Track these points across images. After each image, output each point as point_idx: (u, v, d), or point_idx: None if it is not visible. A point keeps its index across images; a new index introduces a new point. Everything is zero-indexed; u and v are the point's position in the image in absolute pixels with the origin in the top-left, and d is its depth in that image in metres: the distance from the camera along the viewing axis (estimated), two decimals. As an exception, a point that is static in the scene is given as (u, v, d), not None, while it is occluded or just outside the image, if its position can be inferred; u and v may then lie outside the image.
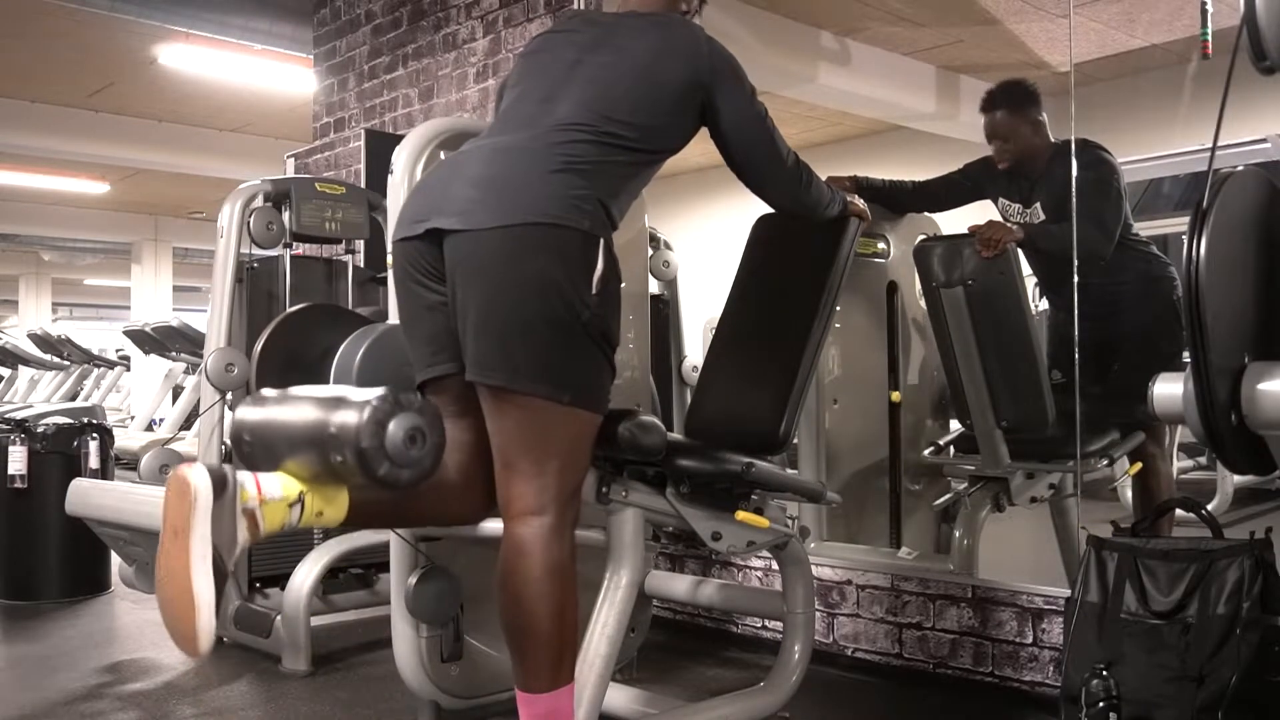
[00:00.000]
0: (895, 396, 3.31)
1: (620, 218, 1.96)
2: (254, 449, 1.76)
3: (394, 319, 2.53)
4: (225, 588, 1.70)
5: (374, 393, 1.67)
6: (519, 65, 2.13)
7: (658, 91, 1.96)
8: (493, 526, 2.12)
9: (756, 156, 2.10)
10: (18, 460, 3.89)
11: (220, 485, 1.63)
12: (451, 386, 1.91)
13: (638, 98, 1.95)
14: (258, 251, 3.43)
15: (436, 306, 1.89)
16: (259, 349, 3.10)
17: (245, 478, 1.67)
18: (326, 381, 2.56)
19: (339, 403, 1.68)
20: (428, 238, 1.86)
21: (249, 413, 1.78)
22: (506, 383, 1.79)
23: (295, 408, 1.74)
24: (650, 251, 3.52)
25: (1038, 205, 3.10)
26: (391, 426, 1.65)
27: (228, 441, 3.47)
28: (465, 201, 1.83)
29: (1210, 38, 2.10)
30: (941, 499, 3.30)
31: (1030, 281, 3.22)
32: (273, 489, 1.68)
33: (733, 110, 2.03)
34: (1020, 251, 3.02)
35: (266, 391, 1.82)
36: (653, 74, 1.97)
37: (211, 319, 3.28)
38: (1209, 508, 2.30)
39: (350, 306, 3.66)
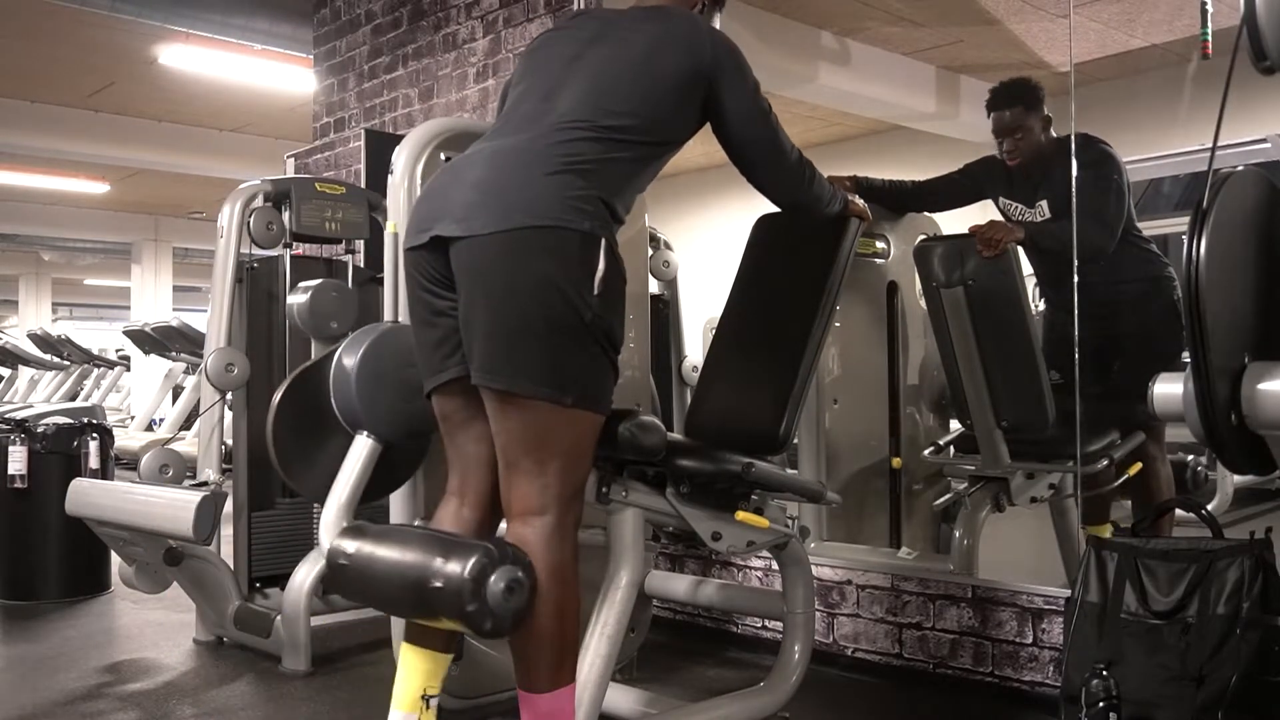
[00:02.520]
0: (896, 463, 3.32)
1: (626, 213, 1.95)
2: (350, 583, 1.89)
3: (388, 319, 2.54)
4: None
5: (471, 548, 1.72)
6: (521, 64, 2.13)
7: (658, 82, 1.96)
8: (493, 526, 2.13)
9: (759, 152, 2.09)
10: (18, 460, 3.89)
11: None
12: (460, 391, 1.91)
13: (638, 89, 1.94)
14: (258, 251, 3.43)
15: (446, 312, 1.89)
16: (279, 397, 2.98)
17: None
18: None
19: (438, 554, 1.73)
20: (433, 245, 1.86)
21: (346, 546, 1.89)
22: (509, 385, 1.79)
23: (393, 552, 1.82)
24: (650, 251, 3.52)
25: (1042, 204, 3.10)
26: (491, 583, 1.70)
27: (228, 441, 3.48)
28: (466, 207, 1.83)
29: (1210, 38, 2.10)
30: (941, 499, 3.30)
31: (1030, 281, 3.22)
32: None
33: (736, 104, 2.03)
34: (1021, 251, 3.02)
35: (363, 525, 1.96)
36: (653, 65, 1.96)
37: (211, 319, 3.29)
38: (1209, 508, 2.30)
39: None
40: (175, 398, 8.89)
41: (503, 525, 1.90)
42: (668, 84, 1.96)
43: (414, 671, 1.90)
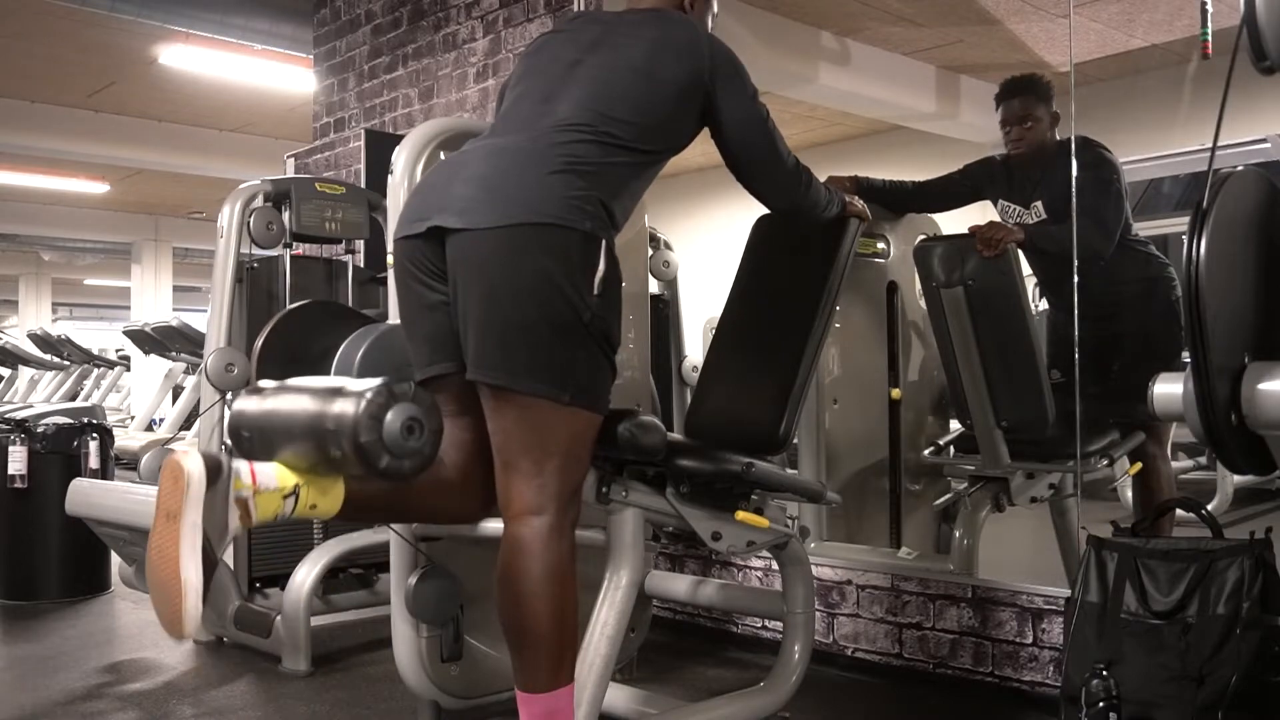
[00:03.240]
0: (896, 394, 3.31)
1: (624, 219, 1.95)
2: (251, 440, 1.77)
3: (394, 318, 2.54)
4: (214, 574, 1.71)
5: (369, 384, 1.68)
6: (520, 65, 2.13)
7: (657, 90, 1.96)
8: (493, 526, 2.13)
9: (756, 158, 2.09)
10: (18, 460, 3.89)
11: (215, 472, 1.64)
12: (451, 385, 1.90)
13: (636, 96, 1.94)
14: (258, 251, 3.43)
15: (437, 305, 1.88)
16: (260, 345, 3.10)
17: (240, 466, 1.68)
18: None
19: (335, 394, 1.68)
20: (429, 236, 1.86)
21: (246, 404, 1.79)
22: (507, 382, 1.79)
23: (292, 399, 1.74)
24: (650, 251, 3.51)
25: (1037, 205, 3.10)
26: (389, 418, 1.65)
27: (227, 441, 3.48)
28: (466, 200, 1.83)
29: (1210, 38, 2.10)
30: (941, 499, 3.30)
31: (1030, 281, 3.22)
32: (267, 479, 1.69)
33: (734, 111, 2.03)
34: (1020, 252, 3.02)
35: (263, 383, 1.83)
36: (651, 72, 1.96)
37: (211, 319, 3.28)
38: (1209, 508, 2.30)
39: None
40: (175, 398, 8.89)
41: (501, 525, 1.90)
42: (666, 90, 1.96)
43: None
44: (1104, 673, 2.07)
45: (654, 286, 3.67)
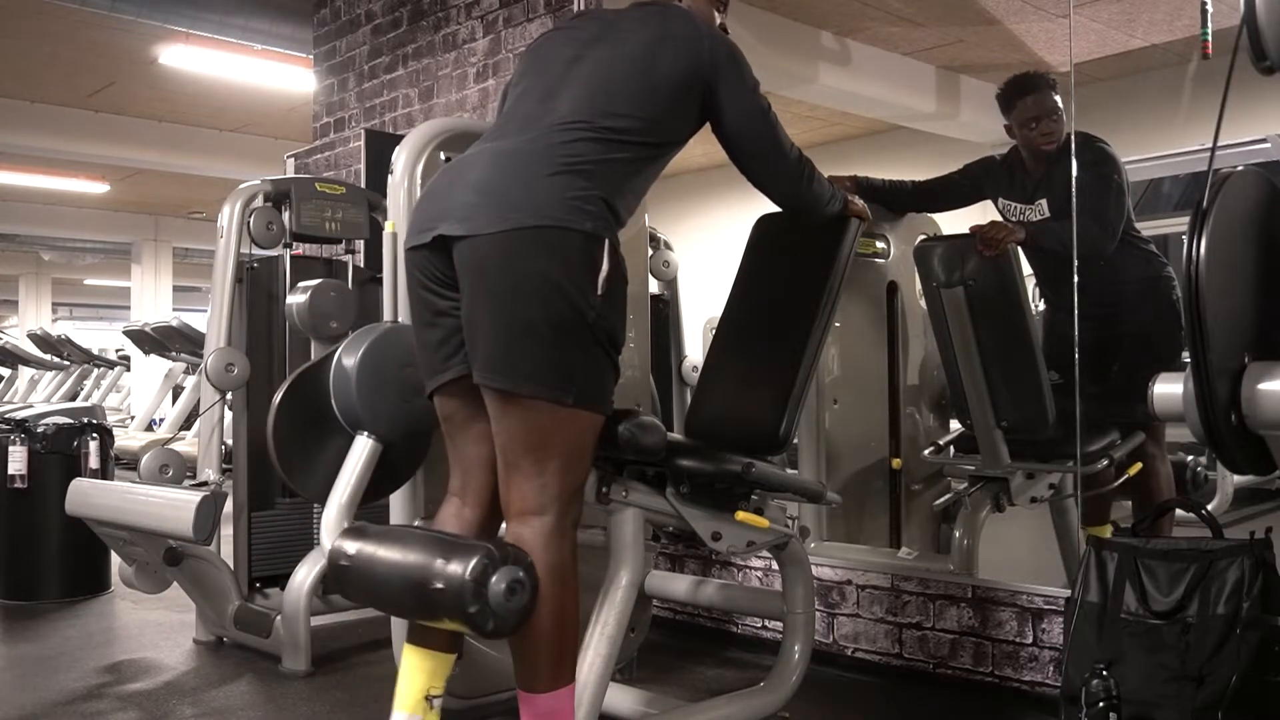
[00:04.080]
0: (896, 464, 3.31)
1: (628, 215, 1.95)
2: (352, 584, 1.88)
3: (388, 318, 2.54)
4: None
5: (473, 549, 1.72)
6: (521, 64, 2.13)
7: (656, 83, 1.96)
8: (493, 526, 2.13)
9: (759, 151, 2.09)
10: (18, 460, 3.89)
11: None
12: (461, 392, 1.91)
13: (636, 90, 1.94)
14: (258, 251, 3.43)
15: (447, 312, 1.89)
16: (278, 399, 2.97)
17: None
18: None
19: (440, 555, 1.74)
20: (435, 245, 1.86)
21: (346, 547, 1.88)
22: (510, 386, 1.80)
23: (394, 553, 1.82)
24: (650, 251, 3.52)
25: (1041, 203, 3.09)
26: (492, 583, 1.70)
27: (228, 441, 3.48)
28: (468, 207, 1.83)
29: (1210, 38, 2.10)
30: (941, 499, 3.30)
31: (1030, 281, 3.22)
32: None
33: (735, 104, 2.03)
34: (1021, 251, 3.01)
35: (363, 526, 1.95)
36: (651, 65, 1.96)
37: (211, 319, 3.28)
38: (1209, 508, 2.30)
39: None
40: (175, 398, 8.89)
41: (503, 525, 1.90)
42: (667, 84, 1.96)
43: (417, 671, 1.90)
44: (1104, 673, 2.08)
45: (654, 286, 3.68)
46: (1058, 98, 3.05)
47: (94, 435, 4.02)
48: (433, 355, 1.94)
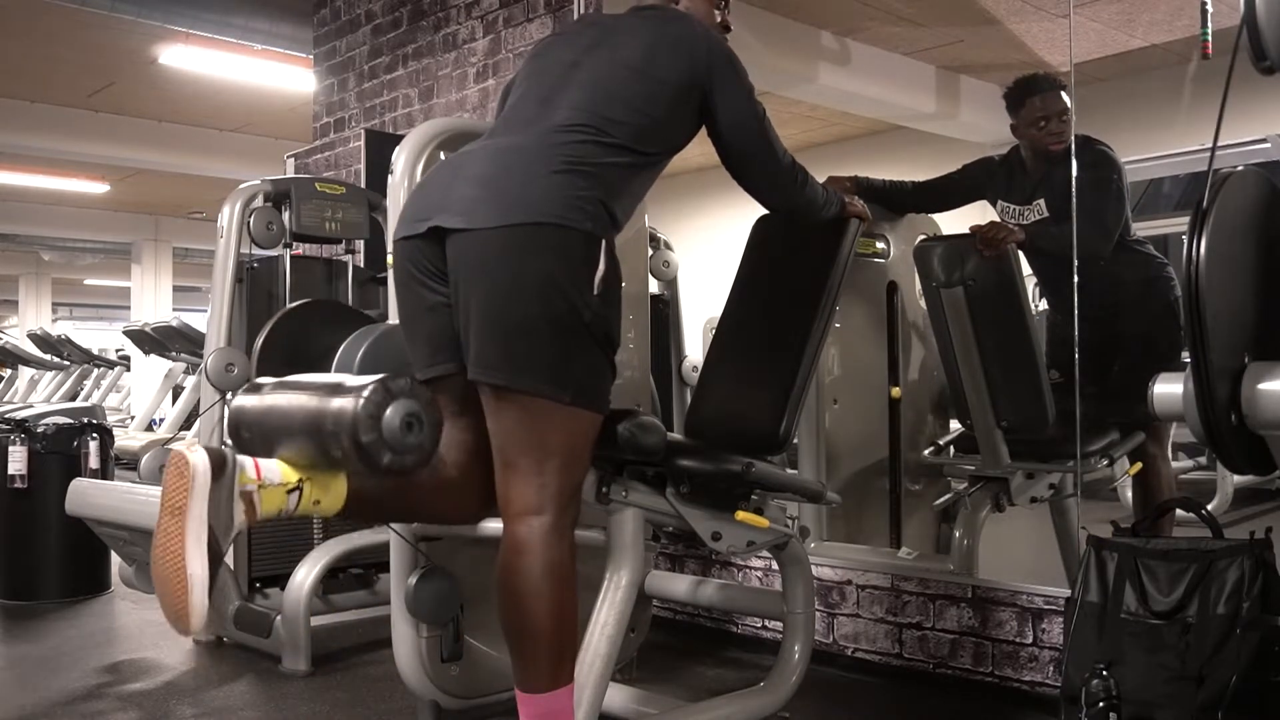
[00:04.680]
0: (896, 393, 3.30)
1: (624, 219, 1.95)
2: (252, 438, 1.78)
3: (393, 318, 2.54)
4: (220, 569, 1.72)
5: (366, 381, 1.68)
6: (522, 68, 2.14)
7: (654, 89, 1.96)
8: (493, 526, 2.13)
9: (752, 156, 2.09)
10: (18, 460, 3.89)
11: (220, 466, 1.64)
12: (451, 386, 1.90)
13: (634, 96, 1.94)
14: (258, 251, 3.43)
15: (438, 306, 1.88)
16: (259, 344, 3.10)
17: (245, 461, 1.69)
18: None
19: (333, 392, 1.69)
20: (430, 236, 1.86)
21: (245, 401, 1.81)
22: (508, 381, 1.79)
23: (291, 397, 1.75)
24: (650, 251, 3.52)
25: (1039, 203, 3.09)
26: (387, 415, 1.67)
27: (228, 441, 3.48)
28: (468, 200, 1.83)
29: (1210, 38, 2.10)
30: (941, 499, 3.30)
31: (1030, 282, 3.21)
32: (271, 474, 1.70)
33: (730, 110, 2.03)
34: (1020, 252, 3.01)
35: (262, 380, 1.84)
36: (648, 71, 1.96)
37: (211, 319, 3.28)
38: (1209, 508, 2.30)
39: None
40: (175, 398, 8.89)
41: (501, 525, 1.90)
42: (665, 91, 1.97)
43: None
44: (1104, 673, 2.07)
45: (654, 286, 3.67)
46: (1067, 99, 3.05)
47: (94, 435, 4.02)
48: (421, 348, 1.94)
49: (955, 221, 3.30)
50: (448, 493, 1.94)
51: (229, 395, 3.29)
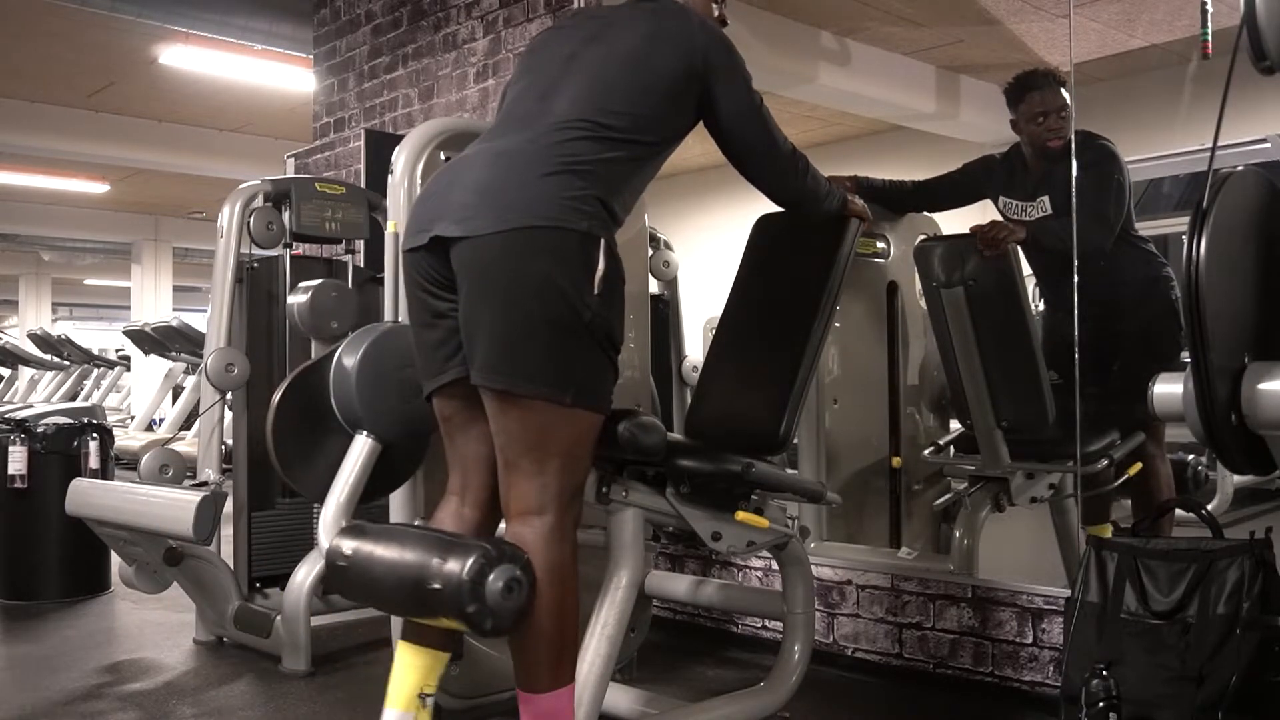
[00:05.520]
0: (896, 462, 3.31)
1: (625, 214, 1.95)
2: (349, 583, 1.89)
3: (389, 318, 2.54)
4: None
5: (470, 548, 1.72)
6: (520, 64, 2.13)
7: (653, 81, 1.96)
8: (493, 526, 2.12)
9: (753, 147, 2.09)
10: (18, 460, 3.89)
11: None
12: (460, 393, 1.91)
13: (632, 87, 1.94)
14: (258, 251, 3.43)
15: (446, 314, 1.89)
16: (277, 400, 2.97)
17: None
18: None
19: (437, 554, 1.74)
20: (432, 246, 1.86)
21: (346, 545, 1.89)
22: (509, 385, 1.80)
23: (393, 552, 1.82)
24: (650, 251, 3.52)
25: (1043, 200, 3.09)
26: (489, 582, 1.70)
27: (228, 441, 3.48)
28: (465, 208, 1.83)
29: (1210, 38, 2.10)
30: (941, 499, 3.30)
31: (1030, 281, 3.21)
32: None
33: (729, 101, 2.03)
34: (1020, 251, 3.01)
35: (362, 525, 1.95)
36: (646, 62, 1.96)
37: (211, 319, 3.28)
38: (1209, 508, 2.30)
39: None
40: (175, 398, 8.89)
41: (502, 525, 1.90)
42: (662, 82, 1.96)
43: (410, 669, 1.90)
44: (1104, 673, 2.08)
45: (654, 286, 3.67)
46: (1067, 95, 3.05)
47: (94, 435, 4.02)
48: (431, 357, 1.94)
49: (955, 221, 3.31)
50: (485, 526, 1.98)
51: (229, 395, 3.29)
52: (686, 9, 2.09)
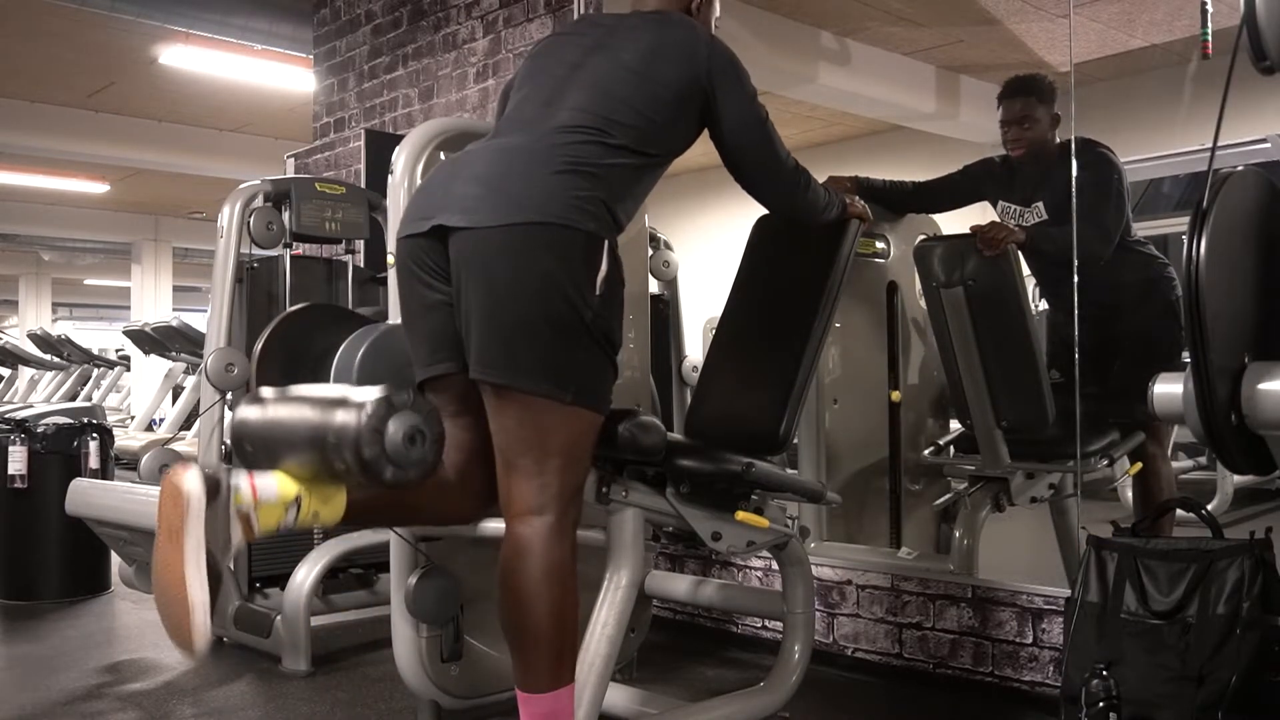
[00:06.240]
0: (895, 396, 3.31)
1: (626, 220, 1.95)
2: (254, 450, 1.78)
3: (394, 318, 2.54)
4: (220, 587, 1.71)
5: (369, 395, 1.67)
6: (523, 68, 2.13)
7: (656, 92, 1.96)
8: (493, 526, 2.13)
9: (755, 160, 2.09)
10: (18, 460, 3.89)
11: (214, 488, 1.64)
12: (452, 385, 1.91)
13: (636, 98, 1.94)
14: (258, 251, 3.43)
15: (439, 305, 1.88)
16: (259, 348, 3.09)
17: (240, 480, 1.68)
18: (327, 382, 2.55)
19: (336, 405, 1.68)
20: (432, 235, 1.86)
21: (248, 413, 1.80)
22: (509, 380, 1.79)
23: (293, 409, 1.74)
24: (650, 251, 3.51)
25: (1039, 205, 3.10)
26: (390, 429, 1.65)
27: (228, 441, 3.48)
28: (470, 199, 1.83)
29: (1210, 38, 2.10)
30: (941, 499, 3.30)
31: (1031, 282, 3.22)
32: (268, 491, 1.69)
33: (733, 113, 2.03)
34: (1020, 252, 3.01)
35: (265, 391, 1.83)
36: (652, 74, 1.96)
37: (211, 319, 3.28)
38: (1209, 508, 2.30)
39: (350, 307, 3.66)
40: (175, 398, 8.89)
41: (502, 525, 1.90)
42: (667, 93, 1.96)
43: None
44: (1104, 673, 2.08)
45: (654, 286, 3.67)
46: (1041, 105, 3.07)
47: (94, 435, 4.02)
48: (422, 347, 1.93)
49: (955, 221, 3.31)
50: (447, 495, 1.94)
51: (229, 395, 3.29)
52: (691, 20, 2.09)
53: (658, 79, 1.96)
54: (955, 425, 3.40)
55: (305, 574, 3.01)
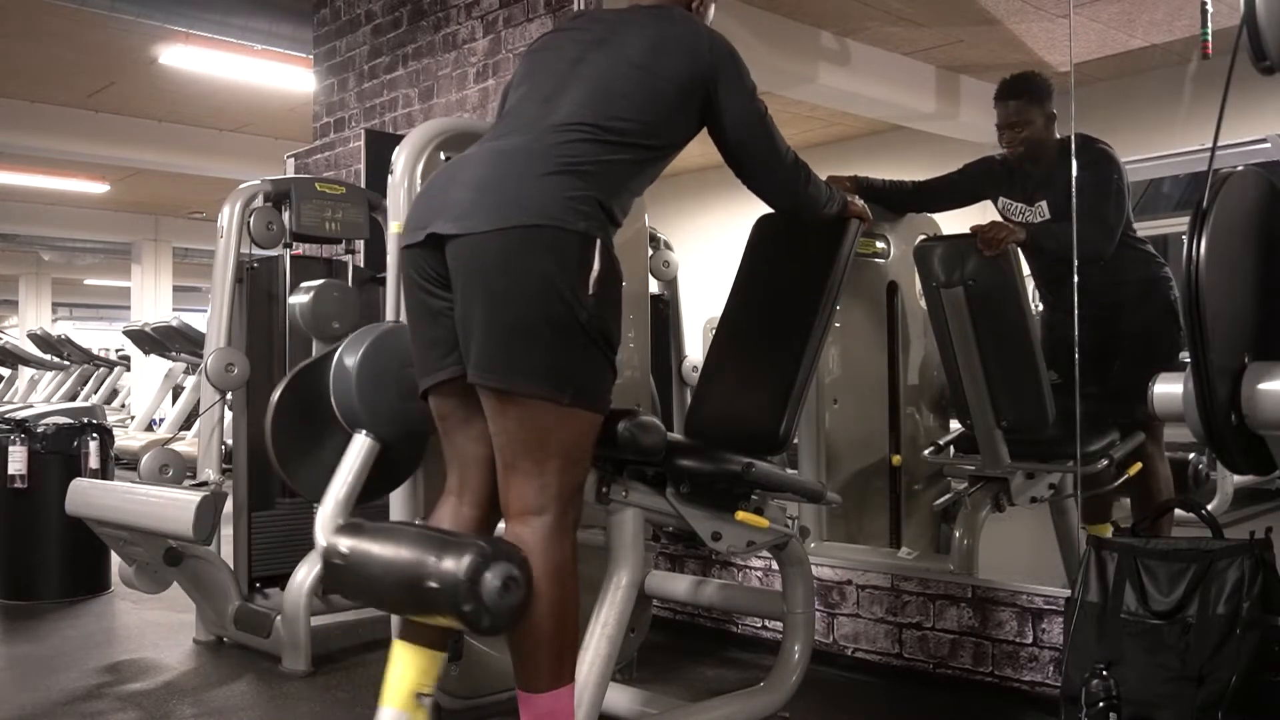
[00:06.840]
0: (896, 460, 3.31)
1: (623, 215, 1.95)
2: (346, 581, 1.89)
3: (390, 318, 2.54)
4: None
5: (467, 546, 1.72)
6: (523, 64, 2.13)
7: (658, 86, 1.96)
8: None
9: (756, 155, 2.09)
10: (18, 460, 3.89)
11: None
12: (457, 391, 1.91)
13: (637, 94, 1.94)
14: (258, 251, 3.43)
15: (442, 312, 1.89)
16: (274, 400, 2.96)
17: None
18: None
19: (436, 551, 1.73)
20: (429, 243, 1.86)
21: (342, 543, 1.88)
22: (507, 384, 1.79)
23: (390, 550, 1.82)
24: (650, 251, 3.52)
25: (1041, 205, 3.10)
26: (486, 580, 1.69)
27: (228, 441, 3.48)
28: (462, 205, 1.83)
29: (1210, 38, 2.10)
30: (941, 499, 3.30)
31: (1030, 282, 3.22)
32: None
33: (733, 109, 2.03)
34: (1020, 252, 3.02)
35: (359, 522, 1.95)
36: (652, 70, 1.96)
37: (211, 319, 3.28)
38: (1209, 508, 2.30)
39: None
40: (175, 398, 8.89)
41: (501, 525, 1.90)
42: (667, 88, 1.97)
43: (408, 668, 1.90)
44: (1104, 673, 2.08)
45: (654, 286, 3.68)
46: (1034, 106, 3.08)
47: (94, 435, 4.02)
48: (427, 354, 1.94)
49: (955, 221, 3.31)
50: (473, 525, 1.98)
51: (229, 395, 3.29)
52: (692, 16, 2.10)
53: (661, 73, 1.96)
54: (955, 425, 3.40)
55: (305, 574, 3.01)
